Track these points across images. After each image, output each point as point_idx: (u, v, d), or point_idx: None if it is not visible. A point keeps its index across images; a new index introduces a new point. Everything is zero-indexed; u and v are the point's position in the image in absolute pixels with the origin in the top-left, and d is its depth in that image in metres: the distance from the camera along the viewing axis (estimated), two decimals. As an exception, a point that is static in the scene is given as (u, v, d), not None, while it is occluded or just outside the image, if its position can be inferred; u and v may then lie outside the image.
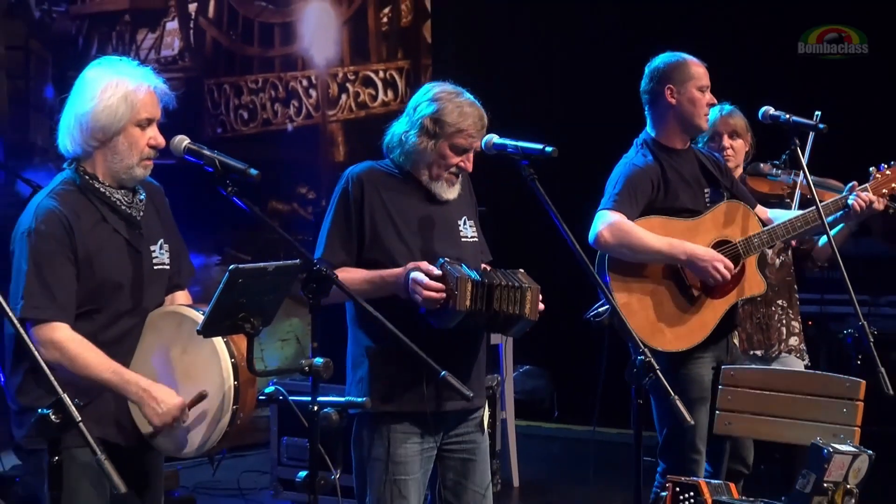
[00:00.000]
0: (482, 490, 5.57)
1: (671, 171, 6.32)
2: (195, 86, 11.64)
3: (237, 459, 9.47)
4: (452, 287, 5.09)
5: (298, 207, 12.04)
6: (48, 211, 4.81)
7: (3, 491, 7.72)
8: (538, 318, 5.30)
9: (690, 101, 6.35)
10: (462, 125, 5.35)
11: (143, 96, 4.88)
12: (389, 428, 5.37)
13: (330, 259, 5.29)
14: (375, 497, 5.41)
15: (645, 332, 6.09)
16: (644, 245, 6.14)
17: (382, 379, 5.36)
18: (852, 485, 5.33)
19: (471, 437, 5.54)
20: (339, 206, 5.43)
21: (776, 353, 6.91)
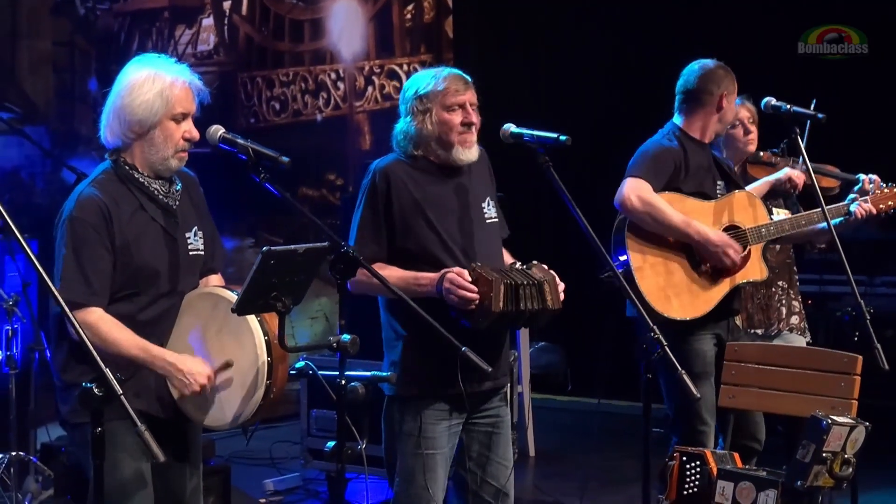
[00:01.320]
0: (505, 462, 5.56)
1: (693, 158, 6.35)
2: (229, 79, 11.64)
3: (269, 430, 9.48)
4: (488, 290, 5.09)
5: (327, 193, 12.05)
6: (89, 199, 4.82)
7: (49, 460, 7.74)
8: (561, 306, 5.31)
9: (732, 110, 6.53)
10: (441, 86, 5.38)
11: (178, 92, 4.88)
12: (420, 406, 5.36)
13: (361, 252, 5.18)
14: (405, 470, 5.40)
15: (653, 296, 6.15)
16: (664, 217, 6.15)
17: (414, 362, 5.35)
18: (850, 454, 5.32)
19: (495, 412, 5.53)
20: (367, 200, 5.41)
21: (775, 332, 6.90)
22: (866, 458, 5.51)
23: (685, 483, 5.61)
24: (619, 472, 8.00)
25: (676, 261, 6.23)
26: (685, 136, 6.40)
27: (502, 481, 5.55)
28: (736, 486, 5.49)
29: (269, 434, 9.49)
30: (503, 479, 5.55)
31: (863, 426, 5.35)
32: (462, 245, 5.36)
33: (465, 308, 5.13)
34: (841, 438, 5.29)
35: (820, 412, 5.39)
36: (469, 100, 5.39)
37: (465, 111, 5.38)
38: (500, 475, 5.54)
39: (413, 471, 5.37)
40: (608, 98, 11.39)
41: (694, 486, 5.59)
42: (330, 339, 4.63)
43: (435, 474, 5.38)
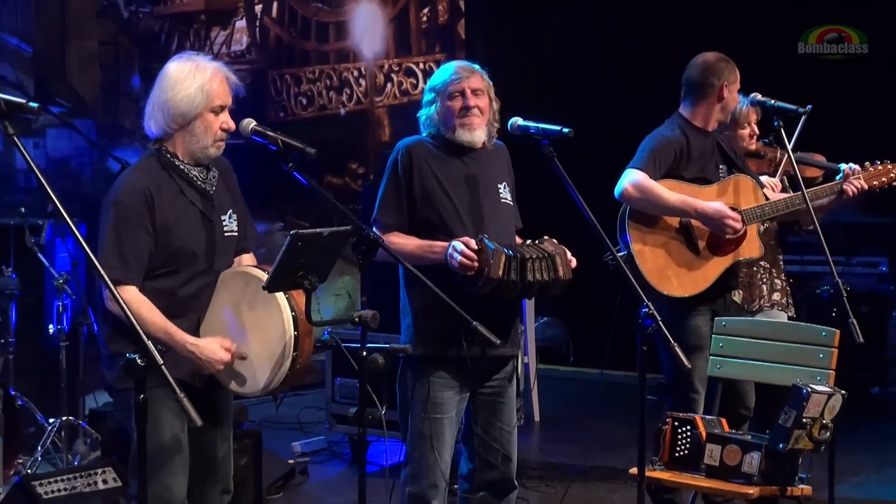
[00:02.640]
0: (509, 428, 5.58)
1: (695, 146, 6.34)
2: (260, 76, 11.65)
3: (297, 397, 9.50)
4: (488, 257, 5.11)
5: (350, 181, 12.06)
6: (133, 184, 4.84)
7: (96, 424, 7.76)
8: (572, 276, 5.33)
9: (734, 99, 6.46)
10: (447, 76, 5.50)
11: (217, 86, 4.90)
12: (430, 373, 5.39)
13: (384, 220, 5.38)
14: (415, 431, 5.43)
15: (654, 276, 6.16)
16: (661, 200, 6.15)
17: (426, 328, 5.38)
18: (828, 420, 5.32)
19: (501, 384, 5.55)
20: (390, 174, 5.47)
21: (756, 308, 6.88)
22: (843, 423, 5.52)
23: (677, 446, 5.61)
24: (618, 435, 8.01)
25: (675, 243, 6.24)
26: (689, 126, 6.39)
27: (506, 445, 5.56)
28: (723, 448, 5.50)
29: (296, 401, 9.52)
30: (507, 444, 5.57)
31: (839, 394, 5.35)
32: (473, 217, 5.40)
33: (465, 273, 5.16)
34: (820, 405, 5.30)
35: (800, 381, 5.39)
36: (469, 86, 5.44)
37: (465, 97, 5.43)
38: (504, 440, 5.55)
39: (422, 433, 5.40)
40: (609, 93, 11.23)
41: (685, 448, 5.59)
42: (352, 314, 4.65)
43: (442, 436, 5.40)
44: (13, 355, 7.32)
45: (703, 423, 5.60)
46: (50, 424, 7.55)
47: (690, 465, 5.56)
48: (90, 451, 7.62)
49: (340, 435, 8.58)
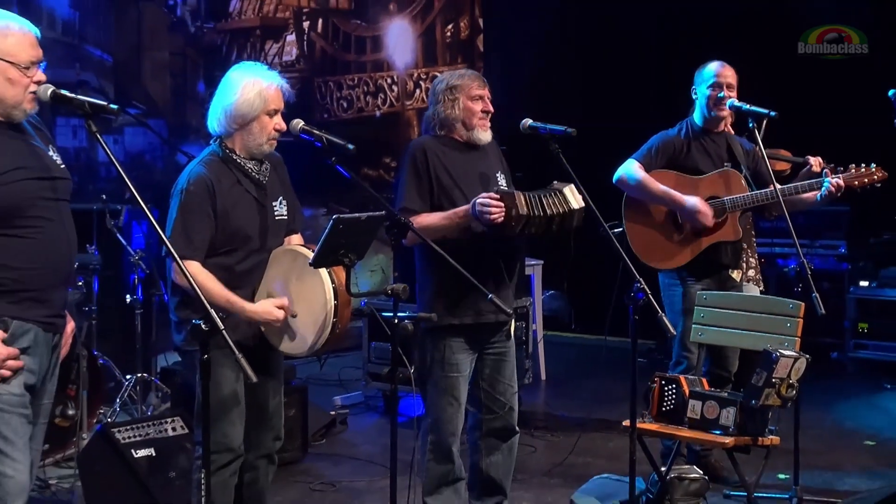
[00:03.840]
0: (511, 383, 5.60)
1: (697, 145, 6.38)
2: (307, 83, 11.64)
3: (337, 358, 9.52)
4: (510, 200, 5.13)
5: (383, 173, 12.06)
6: (197, 175, 4.84)
7: (167, 380, 7.79)
8: (584, 206, 5.27)
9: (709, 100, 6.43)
10: (466, 81, 5.47)
11: (272, 93, 4.91)
12: (447, 339, 5.41)
13: (409, 205, 5.36)
14: (434, 388, 5.46)
15: (641, 250, 6.29)
16: (649, 190, 6.23)
17: (442, 300, 5.38)
18: (794, 380, 5.32)
19: (502, 343, 5.56)
20: (409, 168, 5.45)
21: (741, 283, 6.87)
22: (806, 383, 5.51)
23: (664, 402, 5.61)
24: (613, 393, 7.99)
25: (662, 224, 6.28)
26: (695, 127, 6.45)
27: (508, 397, 5.59)
28: (703, 404, 5.49)
29: (337, 361, 9.53)
30: (509, 396, 5.60)
31: (804, 358, 5.34)
32: None
33: (496, 221, 5.14)
34: (787, 367, 5.29)
35: (771, 346, 5.39)
36: (486, 94, 5.48)
37: (484, 102, 5.46)
38: (506, 392, 5.58)
39: (441, 389, 5.44)
40: (607, 97, 11.04)
41: (670, 404, 5.59)
42: (386, 287, 4.66)
43: (457, 390, 5.44)
44: (96, 321, 7.34)
45: (686, 382, 5.60)
46: (127, 380, 7.59)
47: (675, 419, 5.56)
48: (161, 403, 7.65)
49: (375, 390, 8.60)
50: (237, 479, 5.08)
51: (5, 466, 3.88)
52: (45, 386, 4.12)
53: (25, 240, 3.90)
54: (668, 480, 5.73)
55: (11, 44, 3.95)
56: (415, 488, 5.40)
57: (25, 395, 3.95)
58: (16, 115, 3.98)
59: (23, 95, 3.96)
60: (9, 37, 3.95)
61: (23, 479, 3.93)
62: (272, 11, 11.44)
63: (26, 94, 3.97)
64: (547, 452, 7.25)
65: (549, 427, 7.91)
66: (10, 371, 3.87)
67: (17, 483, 3.91)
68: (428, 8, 12.62)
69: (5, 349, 3.86)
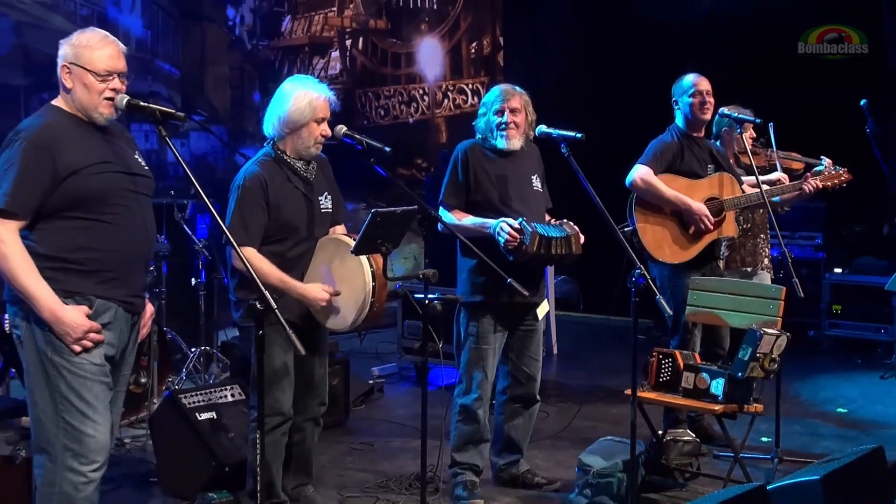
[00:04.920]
0: (535, 356, 5.65)
1: (687, 148, 6.31)
2: (349, 94, 11.64)
3: (375, 334, 9.52)
4: (525, 238, 5.19)
5: (416, 172, 12.06)
6: (252, 173, 4.89)
7: (226, 352, 7.82)
8: (581, 251, 5.39)
9: (692, 109, 6.32)
10: (493, 97, 5.53)
11: (321, 103, 4.94)
12: (479, 316, 5.46)
13: (448, 201, 5.47)
14: (467, 358, 5.50)
15: (652, 247, 6.18)
16: (660, 193, 6.15)
17: (475, 282, 5.44)
18: (776, 355, 5.29)
19: (530, 322, 5.60)
20: (452, 168, 5.52)
21: (759, 270, 6.86)
22: (786, 358, 5.48)
23: (661, 373, 5.59)
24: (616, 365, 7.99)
25: (669, 223, 6.22)
26: (680, 132, 6.37)
27: (532, 370, 5.65)
28: (696, 375, 5.47)
29: (375, 336, 9.54)
30: (533, 369, 5.65)
31: (785, 335, 5.31)
32: (513, 201, 5.45)
33: (508, 247, 5.21)
34: (770, 344, 5.26)
35: (755, 325, 5.36)
36: (509, 106, 5.49)
37: (504, 115, 5.47)
38: (530, 364, 5.64)
39: (472, 359, 5.49)
40: (615, 108, 10.81)
41: (667, 375, 5.57)
42: (418, 272, 4.67)
43: (486, 361, 5.48)
44: (165, 301, 7.37)
45: (681, 356, 5.58)
46: (191, 352, 7.62)
47: (671, 388, 5.54)
48: (221, 373, 7.68)
49: (408, 362, 8.61)
50: (287, 438, 5.10)
51: (87, 427, 3.90)
52: (124, 358, 4.14)
53: (108, 225, 3.92)
54: (665, 442, 5.72)
55: (91, 54, 3.97)
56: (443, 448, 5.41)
57: (105, 365, 3.97)
58: (96, 117, 4.00)
59: (98, 100, 3.97)
60: (90, 48, 3.98)
61: (103, 438, 3.95)
62: (319, 31, 11.45)
63: (101, 100, 3.98)
64: (558, 417, 7.24)
65: (560, 395, 7.90)
66: (92, 343, 3.89)
67: (98, 442, 3.93)
68: (455, 28, 12.61)
69: (88, 323, 3.88)
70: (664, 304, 4.93)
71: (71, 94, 3.98)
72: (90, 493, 3.95)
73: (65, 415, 3.88)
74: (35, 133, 3.87)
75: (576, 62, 11.61)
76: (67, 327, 3.84)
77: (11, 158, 3.83)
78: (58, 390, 3.88)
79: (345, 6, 11.68)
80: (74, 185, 3.85)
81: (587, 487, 5.49)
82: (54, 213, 3.87)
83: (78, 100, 3.97)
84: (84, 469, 3.90)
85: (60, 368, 3.88)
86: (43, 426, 3.92)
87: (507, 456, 5.73)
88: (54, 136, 3.88)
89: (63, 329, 3.84)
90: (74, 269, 3.89)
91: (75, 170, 3.85)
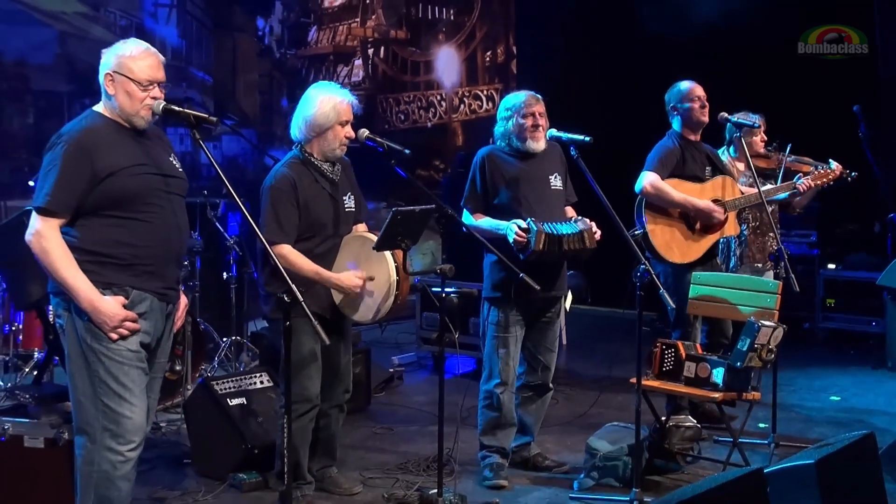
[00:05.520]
0: (552, 347, 5.66)
1: (687, 152, 6.29)
2: (371, 99, 11.64)
3: (395, 325, 9.50)
4: (531, 237, 5.20)
5: (434, 173, 12.05)
6: (282, 174, 4.91)
7: (256, 342, 7.83)
8: (596, 245, 5.38)
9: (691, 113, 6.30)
10: (520, 101, 5.49)
11: (344, 107, 4.95)
12: (502, 308, 5.48)
13: (469, 204, 5.48)
14: (490, 347, 5.53)
15: (662, 248, 6.17)
16: (669, 197, 6.13)
17: (498, 278, 5.45)
18: (773, 346, 5.28)
19: (549, 315, 5.61)
20: (473, 174, 5.52)
21: (768, 267, 6.84)
22: (783, 349, 5.46)
23: (664, 363, 5.58)
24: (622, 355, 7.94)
25: (677, 225, 6.20)
26: (679, 137, 6.34)
27: (547, 360, 5.65)
28: (697, 365, 5.46)
29: (395, 328, 9.53)
30: (548, 359, 5.65)
31: (781, 328, 5.30)
32: (531, 202, 5.44)
33: (517, 246, 5.24)
34: (767, 336, 5.25)
35: (753, 318, 5.34)
36: (538, 111, 5.48)
37: (534, 118, 5.46)
38: (546, 354, 5.64)
39: (495, 347, 5.51)
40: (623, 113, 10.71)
41: (670, 365, 5.56)
42: (435, 267, 4.69)
43: (508, 349, 5.50)
44: (198, 293, 7.39)
45: (683, 346, 5.57)
46: (223, 342, 7.63)
47: (674, 377, 5.53)
48: (251, 361, 7.69)
49: (425, 352, 8.60)
50: (314, 424, 5.11)
51: (124, 409, 3.92)
52: (160, 346, 4.16)
53: (143, 223, 3.95)
54: (668, 428, 5.71)
55: (133, 64, 3.99)
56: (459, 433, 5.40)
57: (141, 352, 3.99)
58: (137, 122, 4.03)
59: (139, 107, 4.01)
60: (132, 59, 4.00)
61: (140, 420, 3.98)
62: (343, 41, 11.45)
63: (142, 107, 4.01)
64: (567, 404, 7.24)
65: (569, 383, 7.89)
66: (128, 332, 3.92)
67: (135, 423, 3.96)
68: (471, 38, 12.59)
69: (124, 312, 3.91)
70: (667, 297, 4.94)
71: (112, 101, 4.01)
72: (127, 471, 3.98)
73: (103, 398, 3.91)
74: (76, 136, 3.91)
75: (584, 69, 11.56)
76: (105, 316, 3.87)
77: (53, 160, 3.87)
78: (97, 375, 3.91)
79: (367, 17, 11.68)
80: (112, 185, 3.89)
81: (594, 470, 5.49)
82: (93, 210, 3.90)
83: (120, 106, 4.00)
84: (122, 448, 3.93)
85: (99, 354, 3.91)
86: (83, 409, 3.96)
87: (519, 438, 5.73)
88: (94, 139, 3.91)
89: (101, 318, 3.87)
90: (112, 262, 3.92)
91: (113, 171, 3.89)
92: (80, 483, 4.00)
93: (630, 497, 5.06)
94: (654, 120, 6.56)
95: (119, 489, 3.97)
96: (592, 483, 5.46)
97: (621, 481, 5.41)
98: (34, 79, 8.32)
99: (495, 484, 5.43)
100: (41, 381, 6.70)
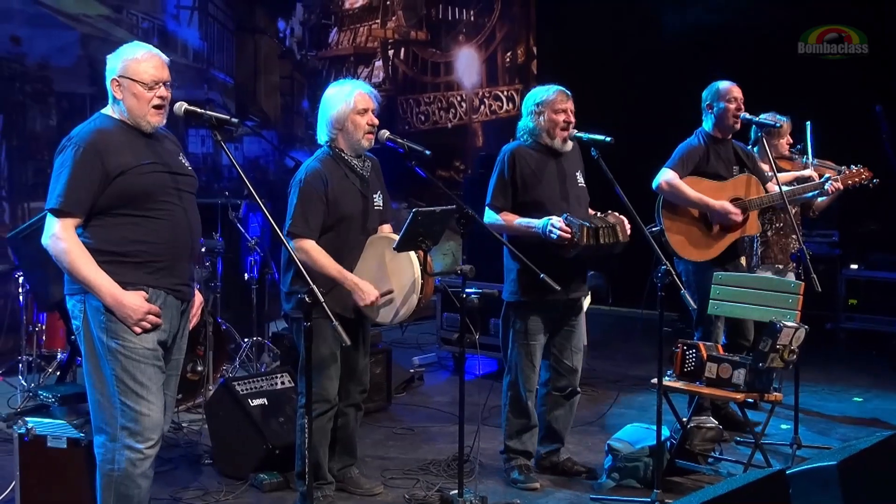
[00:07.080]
0: (577, 350, 5.62)
1: (713, 151, 6.25)
2: (392, 100, 11.64)
3: (415, 325, 9.52)
4: (575, 231, 5.11)
5: (454, 174, 12.05)
6: (313, 169, 4.95)
7: (277, 342, 7.83)
8: (629, 238, 5.31)
9: (725, 113, 6.24)
10: (552, 97, 5.43)
11: (356, 96, 4.99)
12: (526, 313, 5.43)
13: (495, 203, 5.40)
14: (515, 353, 5.48)
15: (678, 246, 6.16)
16: (685, 195, 6.10)
17: (522, 282, 5.39)
18: (794, 347, 5.24)
19: (574, 317, 5.58)
20: (499, 171, 5.45)
21: (789, 268, 6.81)
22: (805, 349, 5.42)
23: (685, 363, 5.55)
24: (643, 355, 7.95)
25: (694, 224, 6.18)
26: (708, 136, 6.30)
27: (574, 362, 5.60)
28: (719, 365, 5.43)
29: (415, 328, 9.55)
30: (574, 361, 5.61)
31: (803, 328, 5.26)
32: (560, 199, 5.39)
33: (561, 244, 5.15)
34: (789, 336, 5.21)
35: (775, 318, 5.31)
36: (569, 107, 5.44)
37: (567, 115, 5.42)
38: (572, 358, 5.59)
39: (520, 353, 5.45)
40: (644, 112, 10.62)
41: (691, 365, 5.53)
42: (456, 267, 4.68)
43: (533, 356, 5.45)
44: (220, 294, 7.41)
45: (704, 347, 5.54)
46: (244, 343, 7.65)
47: (695, 378, 5.50)
48: (272, 362, 7.70)
49: (446, 353, 8.59)
50: (332, 423, 5.11)
51: (142, 406, 3.95)
52: (175, 343, 4.18)
53: (154, 220, 3.98)
54: (689, 429, 5.68)
55: (138, 67, 4.03)
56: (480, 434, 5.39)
57: (158, 350, 4.02)
58: (143, 125, 4.06)
59: (147, 108, 4.04)
60: (136, 61, 4.04)
61: (157, 416, 4.00)
62: (364, 42, 11.46)
63: (149, 108, 4.03)
64: (589, 405, 7.21)
65: (591, 384, 7.85)
66: (150, 325, 3.94)
67: (153, 420, 3.98)
68: (491, 38, 12.58)
69: (147, 305, 3.95)
70: (689, 298, 4.92)
71: (121, 105, 4.06)
72: (146, 468, 4.00)
73: (121, 396, 3.94)
74: (86, 138, 3.95)
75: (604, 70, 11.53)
76: (129, 310, 3.90)
77: (64, 162, 3.92)
78: (114, 373, 3.94)
79: (388, 19, 11.69)
80: (123, 183, 3.92)
81: (615, 471, 5.47)
82: (105, 210, 3.94)
83: (128, 109, 4.04)
84: (140, 446, 3.96)
85: (115, 353, 3.93)
86: (101, 408, 3.99)
87: (548, 445, 5.68)
88: (104, 140, 3.96)
89: (124, 312, 3.90)
90: (125, 261, 3.95)
91: (124, 170, 3.93)
92: (101, 482, 4.03)
93: (651, 498, 5.04)
94: (674, 120, 6.54)
95: (139, 486, 4.00)
96: (613, 484, 5.44)
97: (642, 482, 5.38)
98: (57, 81, 8.36)
99: (528, 486, 5.44)
100: (64, 382, 6.73)
